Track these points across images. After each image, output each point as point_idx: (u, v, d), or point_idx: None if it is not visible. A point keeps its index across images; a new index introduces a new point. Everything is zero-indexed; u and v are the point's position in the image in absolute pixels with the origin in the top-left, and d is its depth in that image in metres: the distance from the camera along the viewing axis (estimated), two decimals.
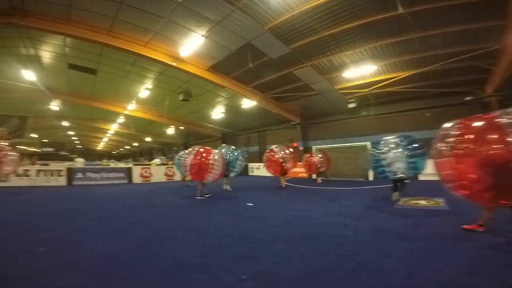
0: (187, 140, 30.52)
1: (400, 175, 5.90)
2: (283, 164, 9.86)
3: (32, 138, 24.94)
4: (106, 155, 52.35)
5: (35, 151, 26.56)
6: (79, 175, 12.00)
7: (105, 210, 5.71)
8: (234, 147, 9.48)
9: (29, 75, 11.81)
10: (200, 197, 7.39)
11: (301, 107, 16.71)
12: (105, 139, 38.89)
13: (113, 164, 23.85)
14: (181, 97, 14.61)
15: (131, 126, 25.53)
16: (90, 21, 8.61)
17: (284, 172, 10.17)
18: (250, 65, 10.48)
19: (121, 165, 19.70)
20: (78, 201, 7.27)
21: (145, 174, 13.57)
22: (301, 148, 18.13)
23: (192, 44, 9.46)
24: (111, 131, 30.41)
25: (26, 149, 24.68)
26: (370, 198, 7.21)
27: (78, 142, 40.49)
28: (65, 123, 25.01)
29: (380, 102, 14.43)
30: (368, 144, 13.21)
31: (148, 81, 13.91)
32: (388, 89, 12.01)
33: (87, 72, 12.78)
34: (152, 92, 15.09)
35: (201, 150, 7.35)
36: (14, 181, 10.06)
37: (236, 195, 8.33)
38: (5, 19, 7.91)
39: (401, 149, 5.87)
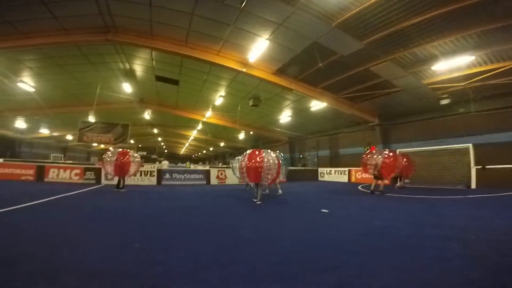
0: (255, 144, 32.02)
1: None
2: (379, 169, 9.34)
3: (131, 143, 31.12)
4: (187, 158, 60.22)
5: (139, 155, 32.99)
6: (167, 175, 14.20)
7: (190, 210, 6.19)
8: (278, 152, 9.78)
9: (127, 87, 14.63)
10: (259, 201, 7.27)
11: (379, 106, 15.27)
12: (186, 144, 44.83)
13: (193, 166, 27.28)
14: (251, 102, 15.39)
15: (208, 132, 28.65)
16: (169, 34, 9.88)
17: (381, 177, 9.51)
18: (320, 64, 10.32)
19: (200, 167, 22.36)
20: (167, 199, 8.18)
21: (221, 176, 15.03)
22: None
23: (258, 49, 9.85)
24: (191, 137, 34.87)
25: None
26: (477, 208, 6.01)
27: (164, 147, 48.10)
28: (154, 130, 30.29)
29: (483, 97, 11.90)
30: (470, 146, 11.08)
31: (221, 88, 15.12)
32: (493, 82, 9.87)
33: (171, 83, 14.72)
34: (226, 99, 16.34)
35: (256, 152, 7.41)
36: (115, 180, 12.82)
37: (307, 200, 8.13)
38: (102, 36, 9.69)
39: None
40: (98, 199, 7.62)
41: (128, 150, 9.86)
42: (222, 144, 35.98)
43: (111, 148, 10.08)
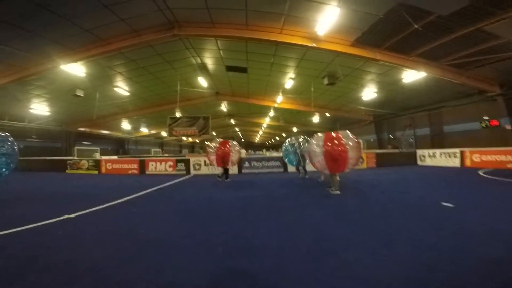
0: (332, 126, 30.13)
1: None
2: None
3: (213, 135, 34.09)
4: (262, 146, 62.48)
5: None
6: (246, 164, 14.79)
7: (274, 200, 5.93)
8: (304, 136, 8.45)
9: (202, 82, 15.54)
10: (336, 191, 6.41)
11: (501, 73, 11.69)
12: (260, 132, 46.23)
13: (268, 153, 27.86)
14: (326, 81, 14.14)
15: (280, 118, 28.55)
16: (229, 18, 9.64)
17: None
18: (416, 26, 8.37)
19: (275, 154, 22.57)
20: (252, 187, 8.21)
21: None
22: (508, 127, 12.89)
23: (327, 19, 8.58)
24: (264, 125, 35.62)
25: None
26: None
27: (242, 136, 50.94)
28: (232, 121, 32.17)
29: None
30: None
31: (290, 70, 14.29)
32: None
33: (240, 71, 14.82)
34: (297, 81, 15.44)
35: (332, 135, 6.48)
36: (203, 169, 14.15)
37: (409, 190, 6.60)
38: (169, 32, 10.13)
39: None
40: (193, 190, 7.97)
41: (228, 140, 10.34)
42: (295, 129, 35.36)
43: (217, 139, 10.62)
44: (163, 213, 4.75)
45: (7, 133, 6.78)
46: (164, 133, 34.38)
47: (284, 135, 45.69)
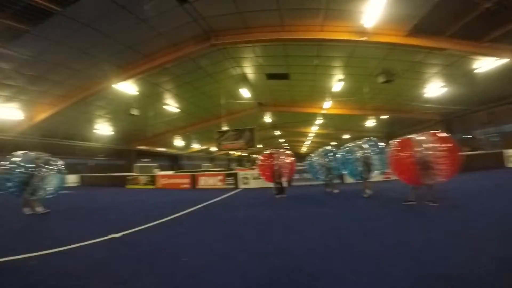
0: (389, 130, 27.65)
1: None
2: None
3: (259, 147, 34.28)
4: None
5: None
6: (296, 176, 14.20)
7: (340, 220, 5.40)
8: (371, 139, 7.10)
9: (245, 93, 15.55)
10: (433, 202, 5.25)
11: None
12: (307, 142, 44.99)
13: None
14: (381, 79, 12.94)
15: (329, 125, 27.28)
16: (262, 21, 9.38)
17: None
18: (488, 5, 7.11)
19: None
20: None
21: None
22: None
23: (374, 8, 7.70)
24: (312, 134, 34.50)
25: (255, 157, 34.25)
26: None
27: (288, 147, 50.34)
28: (276, 132, 31.97)
29: None
30: None
31: (337, 71, 13.48)
32: None
33: (282, 78, 14.48)
34: (346, 83, 14.51)
35: (418, 138, 5.62)
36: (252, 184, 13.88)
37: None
38: (206, 42, 10.31)
39: None
40: (242, 208, 7.08)
41: (280, 151, 9.05)
42: (346, 136, 33.40)
43: (267, 151, 9.31)
44: (209, 234, 4.33)
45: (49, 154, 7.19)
46: (213, 148, 35.93)
47: (335, 143, 43.66)
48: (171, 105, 17.62)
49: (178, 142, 29.81)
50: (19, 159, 6.38)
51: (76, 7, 7.61)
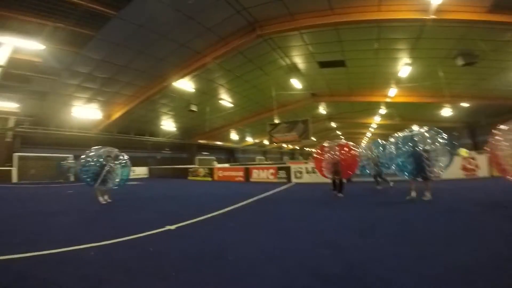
0: (473, 120, 23.61)
1: None
2: None
3: (313, 140, 33.11)
4: None
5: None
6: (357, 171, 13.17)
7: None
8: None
9: (296, 83, 15.24)
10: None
11: None
12: (369, 134, 41.50)
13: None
14: (459, 61, 11.18)
15: (395, 115, 24.56)
16: (308, 6, 8.93)
17: None
18: None
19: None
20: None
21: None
22: None
23: None
24: (373, 125, 31.65)
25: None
26: None
27: (345, 140, 47.49)
28: (332, 124, 30.33)
29: None
30: None
31: (403, 54, 12.05)
32: None
33: (337, 66, 13.62)
34: (415, 67, 12.85)
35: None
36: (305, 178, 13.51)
37: None
38: (252, 34, 10.30)
39: None
40: (295, 204, 6.91)
41: (340, 143, 7.87)
42: (415, 127, 29.63)
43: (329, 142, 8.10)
44: (257, 232, 4.20)
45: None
46: (266, 142, 36.30)
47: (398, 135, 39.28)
48: (225, 100, 18.35)
49: (233, 136, 31.04)
50: (93, 153, 7.33)
51: (128, 10, 8.49)
